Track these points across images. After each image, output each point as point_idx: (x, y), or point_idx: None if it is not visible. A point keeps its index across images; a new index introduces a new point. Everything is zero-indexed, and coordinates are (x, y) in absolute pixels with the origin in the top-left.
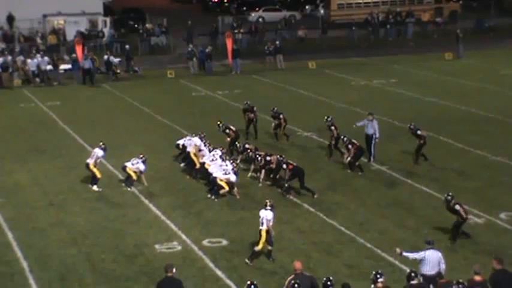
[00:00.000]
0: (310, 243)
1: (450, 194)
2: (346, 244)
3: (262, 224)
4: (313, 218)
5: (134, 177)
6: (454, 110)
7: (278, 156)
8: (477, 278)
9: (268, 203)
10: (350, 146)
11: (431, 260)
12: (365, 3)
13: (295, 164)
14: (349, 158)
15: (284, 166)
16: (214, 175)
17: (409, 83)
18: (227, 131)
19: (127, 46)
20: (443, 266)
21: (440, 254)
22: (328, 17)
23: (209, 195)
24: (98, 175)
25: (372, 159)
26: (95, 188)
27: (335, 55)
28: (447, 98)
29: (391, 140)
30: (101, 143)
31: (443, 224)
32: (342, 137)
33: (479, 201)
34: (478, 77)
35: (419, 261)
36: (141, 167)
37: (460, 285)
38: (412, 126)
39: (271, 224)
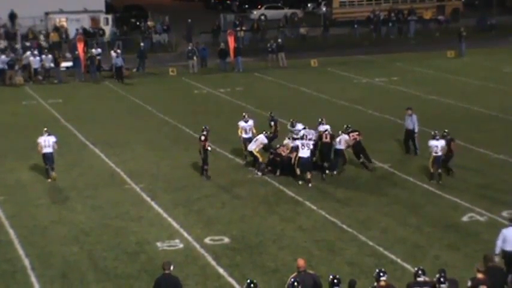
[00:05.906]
0: (312, 241)
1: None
2: (348, 242)
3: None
4: (315, 216)
5: (261, 158)
6: (456, 108)
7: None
8: (480, 275)
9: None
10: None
11: (509, 236)
12: (367, 1)
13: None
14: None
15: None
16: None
17: (411, 81)
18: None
19: (142, 44)
20: None
21: None
22: (330, 15)
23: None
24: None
25: (417, 152)
26: None
27: (337, 53)
28: (449, 96)
29: (393, 138)
30: (45, 129)
31: (445, 222)
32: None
33: (481, 199)
34: (480, 75)
35: (500, 239)
36: (264, 140)
37: (420, 271)
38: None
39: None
